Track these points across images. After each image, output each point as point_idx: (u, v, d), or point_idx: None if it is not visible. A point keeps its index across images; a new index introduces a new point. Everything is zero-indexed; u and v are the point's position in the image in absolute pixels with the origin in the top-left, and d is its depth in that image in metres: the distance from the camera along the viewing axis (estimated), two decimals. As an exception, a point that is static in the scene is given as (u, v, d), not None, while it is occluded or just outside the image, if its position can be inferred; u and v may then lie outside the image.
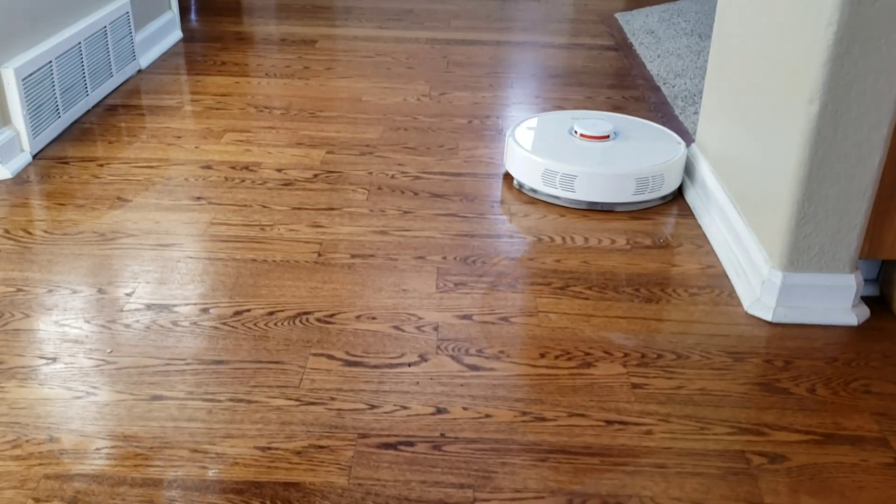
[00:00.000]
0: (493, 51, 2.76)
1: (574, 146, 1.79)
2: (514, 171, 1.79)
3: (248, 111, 2.17)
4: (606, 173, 1.69)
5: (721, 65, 1.66)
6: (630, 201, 1.70)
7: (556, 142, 1.81)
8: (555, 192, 1.72)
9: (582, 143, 1.80)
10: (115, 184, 1.76)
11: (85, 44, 2.09)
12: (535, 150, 1.76)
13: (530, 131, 1.87)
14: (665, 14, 3.25)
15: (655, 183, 1.70)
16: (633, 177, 1.69)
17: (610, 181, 1.68)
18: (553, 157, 1.73)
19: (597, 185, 1.69)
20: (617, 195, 1.69)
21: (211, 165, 1.85)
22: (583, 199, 1.70)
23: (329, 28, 2.96)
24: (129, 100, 2.23)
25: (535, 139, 1.82)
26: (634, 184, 1.69)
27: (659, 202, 1.75)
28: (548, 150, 1.76)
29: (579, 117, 1.94)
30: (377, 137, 2.04)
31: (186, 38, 2.80)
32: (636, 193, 1.70)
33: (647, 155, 1.76)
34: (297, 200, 1.71)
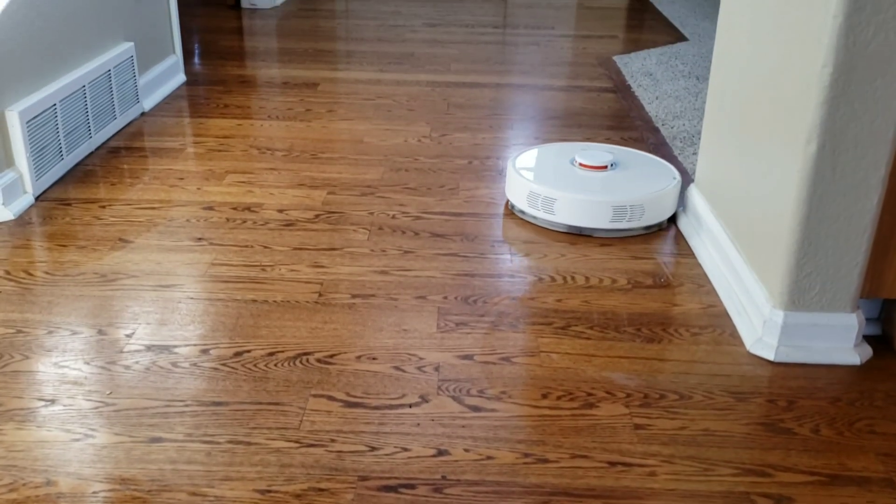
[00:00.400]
0: (493, 93, 2.79)
1: (570, 174, 1.85)
2: (509, 191, 1.87)
3: (251, 153, 2.19)
4: (584, 199, 1.73)
5: (719, 106, 1.67)
6: (607, 227, 1.75)
7: (554, 168, 1.88)
8: (536, 214, 1.80)
9: (579, 171, 1.86)
10: (117, 225, 1.76)
11: (89, 87, 2.12)
12: (524, 172, 1.86)
13: (535, 157, 1.96)
14: (663, 57, 3.29)
15: (634, 213, 1.74)
16: (610, 204, 1.73)
17: (587, 207, 1.74)
18: (541, 181, 1.80)
19: (575, 209, 1.75)
20: (594, 221, 1.75)
21: (213, 206, 1.86)
22: (561, 223, 1.78)
23: (331, 71, 3.00)
24: (132, 142, 2.25)
25: (535, 164, 1.91)
26: (611, 211, 1.73)
27: (643, 231, 1.78)
28: (540, 175, 1.84)
29: (587, 148, 2.01)
30: (378, 178, 2.05)
31: (190, 81, 2.83)
32: (613, 221, 1.74)
33: (634, 186, 1.80)
34: (298, 241, 1.71)
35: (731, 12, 1.60)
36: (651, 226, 1.80)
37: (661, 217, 1.81)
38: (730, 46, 1.61)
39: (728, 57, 1.62)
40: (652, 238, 1.77)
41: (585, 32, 3.75)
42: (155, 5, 2.61)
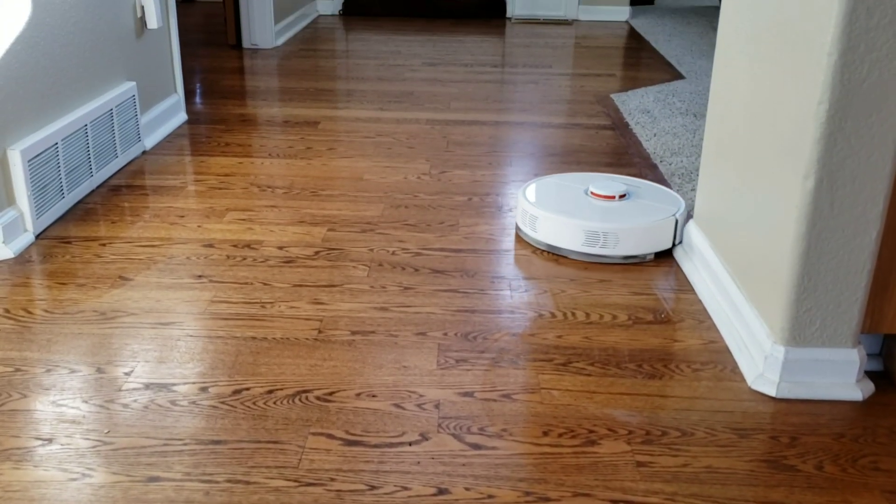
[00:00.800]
0: (492, 131, 2.81)
1: (579, 201, 1.93)
2: (518, 214, 1.97)
3: (251, 190, 2.20)
4: (559, 220, 1.83)
5: (716, 142, 1.68)
6: (579, 250, 1.83)
7: (565, 195, 1.96)
8: (527, 232, 1.90)
9: (591, 200, 1.93)
10: (117, 263, 1.76)
11: (91, 126, 2.13)
12: (528, 195, 1.95)
13: (556, 184, 2.04)
14: (660, 95, 3.32)
15: (608, 240, 1.80)
16: (583, 229, 1.81)
17: (561, 227, 1.83)
18: (538, 203, 1.90)
19: (552, 229, 1.85)
20: (567, 243, 1.83)
21: (213, 244, 1.86)
22: (542, 241, 1.88)
23: (331, 110, 3.02)
24: (133, 180, 2.26)
25: (549, 190, 1.99)
26: (584, 236, 1.81)
27: (621, 261, 1.82)
28: (544, 199, 1.93)
29: (608, 179, 2.06)
30: (378, 215, 2.06)
31: (191, 120, 2.86)
32: (585, 245, 1.82)
33: (625, 216, 1.85)
34: (298, 277, 1.71)
35: (727, 50, 1.62)
36: (630, 256, 1.82)
37: (642, 249, 1.82)
38: (726, 84, 1.62)
39: (725, 94, 1.63)
40: (652, 274, 1.77)
41: (583, 71, 3.79)
42: (157, 45, 2.65)
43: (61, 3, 2.02)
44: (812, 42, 1.23)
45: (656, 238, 1.83)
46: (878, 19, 1.16)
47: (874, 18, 1.16)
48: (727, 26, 1.62)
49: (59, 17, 2.01)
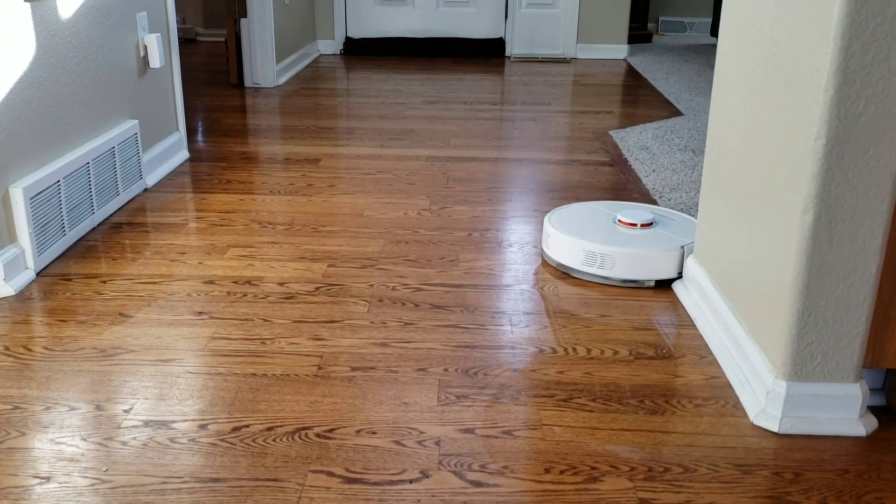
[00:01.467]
0: (492, 167, 2.82)
1: (604, 226, 2.00)
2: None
3: (252, 227, 2.21)
4: (563, 238, 1.93)
5: (715, 178, 1.69)
6: (580, 269, 1.91)
7: (589, 219, 2.04)
8: (544, 249, 2.02)
9: (618, 227, 1.99)
10: (118, 300, 1.76)
11: (93, 164, 2.15)
12: (553, 219, 2.03)
13: (591, 209, 2.12)
14: (659, 131, 3.34)
15: (605, 261, 1.87)
16: (581, 248, 1.89)
17: (566, 246, 1.92)
18: (559, 226, 1.98)
19: (559, 247, 1.95)
20: (570, 261, 1.92)
21: (213, 280, 1.86)
22: (553, 259, 1.98)
23: (332, 147, 3.04)
24: (135, 217, 2.27)
25: (579, 215, 2.07)
26: (583, 255, 1.89)
27: (619, 283, 1.87)
28: (567, 223, 2.01)
29: (647, 209, 2.11)
30: (378, 250, 2.06)
31: (193, 157, 2.88)
32: (584, 264, 1.90)
33: (634, 242, 1.90)
34: (298, 313, 1.71)
35: (724, 86, 1.64)
36: (628, 280, 1.88)
37: (641, 275, 1.86)
38: (724, 119, 1.64)
39: (723, 130, 1.65)
40: (653, 309, 1.77)
41: (582, 108, 3.82)
42: (159, 84, 2.67)
43: (65, 44, 2.04)
44: (809, 78, 1.25)
45: (656, 266, 1.83)
46: (874, 55, 1.17)
47: (869, 54, 1.17)
48: (724, 63, 1.64)
49: (62, 57, 2.03)
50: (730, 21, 1.61)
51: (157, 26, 2.62)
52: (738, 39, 1.57)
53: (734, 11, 1.59)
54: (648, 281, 1.86)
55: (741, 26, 1.55)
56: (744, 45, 1.53)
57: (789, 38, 1.32)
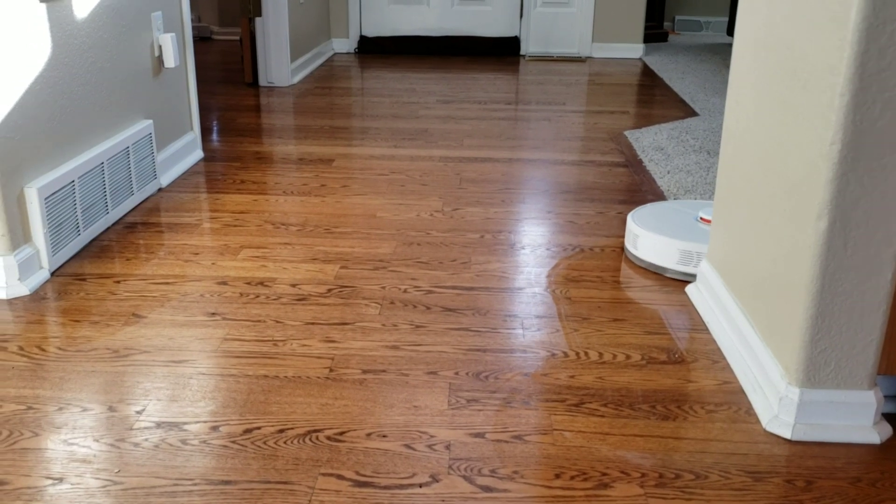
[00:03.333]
0: (505, 168, 2.82)
1: (687, 224, 2.03)
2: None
3: (265, 227, 2.21)
4: (655, 238, 1.97)
5: (729, 181, 1.68)
6: (674, 268, 1.95)
7: (675, 218, 2.07)
8: (632, 250, 2.04)
9: (699, 224, 2.03)
10: (131, 300, 1.77)
11: (108, 164, 2.16)
12: (637, 219, 2.06)
13: (674, 209, 2.15)
14: (674, 132, 3.32)
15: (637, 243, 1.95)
16: (676, 248, 1.93)
17: (659, 246, 1.96)
18: (641, 223, 2.03)
19: (650, 247, 1.98)
20: (664, 261, 1.96)
21: (227, 281, 1.87)
22: (644, 260, 2.00)
23: (346, 147, 3.05)
24: (149, 217, 2.28)
25: (663, 214, 2.10)
26: (678, 254, 1.92)
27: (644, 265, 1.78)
28: (650, 221, 2.05)
29: None
30: (390, 252, 2.06)
31: (207, 157, 2.89)
32: (679, 263, 1.93)
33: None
34: (310, 315, 1.71)
35: (739, 89, 1.63)
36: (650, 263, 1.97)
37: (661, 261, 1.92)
38: (739, 122, 1.63)
39: (737, 133, 1.64)
40: (666, 312, 1.76)
41: (596, 108, 3.81)
42: (174, 84, 2.68)
43: (80, 44, 2.06)
44: (824, 82, 1.24)
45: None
46: (891, 59, 1.16)
47: (886, 58, 1.16)
48: (739, 65, 1.63)
49: (77, 58, 2.04)
50: (745, 23, 1.60)
51: (171, 26, 2.63)
52: (752, 42, 1.56)
53: (749, 14, 1.58)
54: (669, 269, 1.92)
55: (756, 28, 1.54)
56: (758, 48, 1.52)
57: (805, 41, 1.31)
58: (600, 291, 1.86)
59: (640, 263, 2.00)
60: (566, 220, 2.32)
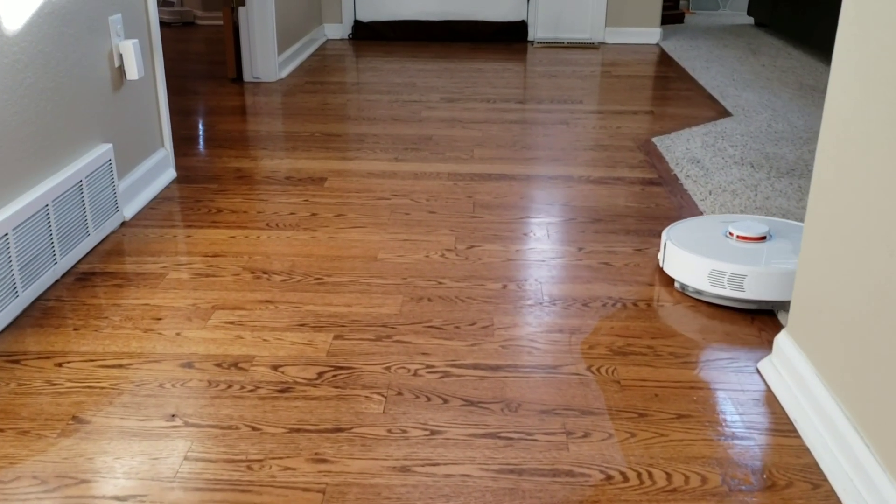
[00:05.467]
0: (523, 188, 2.46)
1: (722, 243, 1.83)
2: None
3: (243, 278, 1.85)
4: (685, 255, 1.81)
5: (825, 242, 1.32)
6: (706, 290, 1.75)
7: (710, 238, 1.86)
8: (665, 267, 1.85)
9: (731, 241, 1.83)
10: (73, 394, 1.42)
11: (54, 206, 1.79)
12: (677, 238, 1.86)
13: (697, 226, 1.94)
14: (708, 138, 2.95)
15: (734, 282, 1.71)
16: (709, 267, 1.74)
17: (686, 263, 1.78)
18: (679, 243, 1.86)
19: (675, 265, 1.80)
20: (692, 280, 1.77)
21: (193, 362, 1.52)
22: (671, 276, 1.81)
23: (340, 161, 2.68)
24: (107, 264, 1.92)
25: (693, 233, 1.90)
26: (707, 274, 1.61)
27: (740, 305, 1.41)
28: (686, 241, 1.85)
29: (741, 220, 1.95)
30: (396, 312, 1.71)
31: (181, 177, 2.52)
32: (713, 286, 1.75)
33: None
34: (295, 417, 1.36)
35: (841, 134, 1.27)
36: (752, 301, 1.72)
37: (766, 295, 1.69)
38: (841, 178, 1.27)
39: (839, 190, 1.27)
40: (740, 404, 1.41)
41: (616, 107, 3.43)
42: (139, 98, 2.31)
43: (11, 63, 1.68)
44: None
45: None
46: None
47: None
48: (841, 105, 1.27)
49: (8, 79, 1.67)
50: (852, 55, 1.23)
51: (134, 30, 2.25)
52: (865, 77, 1.19)
53: (857, 43, 1.21)
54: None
55: (873, 62, 1.17)
56: (878, 86, 1.16)
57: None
58: (654, 370, 1.51)
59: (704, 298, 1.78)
60: (600, 262, 1.96)
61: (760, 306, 1.73)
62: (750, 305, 1.73)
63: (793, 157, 2.73)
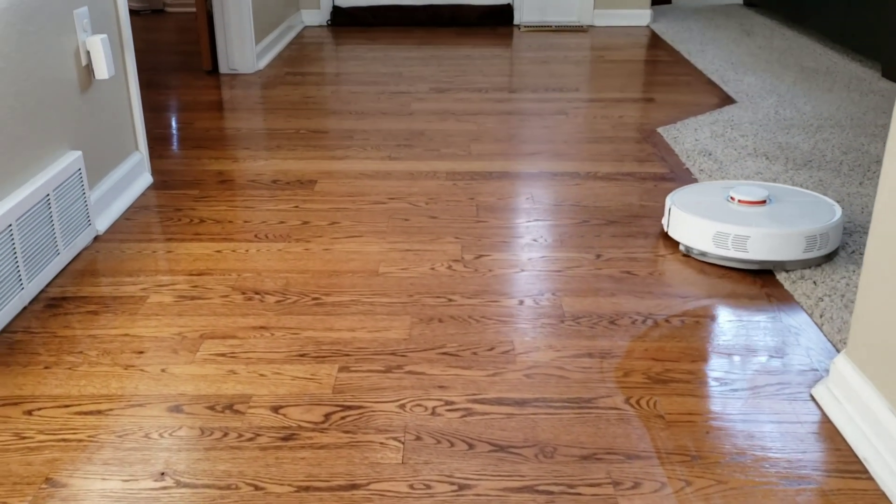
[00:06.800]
0: (528, 187, 2.29)
1: (726, 208, 1.88)
2: None
3: (233, 300, 1.67)
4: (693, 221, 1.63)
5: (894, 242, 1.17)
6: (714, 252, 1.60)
7: (713, 202, 1.91)
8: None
9: (733, 205, 1.88)
10: (46, 449, 1.24)
11: (17, 226, 1.60)
12: (681, 203, 1.91)
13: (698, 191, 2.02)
14: (716, 127, 2.80)
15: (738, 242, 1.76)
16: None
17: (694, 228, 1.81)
18: (688, 209, 1.94)
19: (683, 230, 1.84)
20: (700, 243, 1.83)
21: (181, 405, 1.34)
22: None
23: (329, 161, 2.50)
24: (80, 286, 1.73)
25: (695, 198, 1.95)
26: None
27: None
28: (695, 207, 1.90)
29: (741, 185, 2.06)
30: (405, 337, 1.54)
31: (158, 183, 2.32)
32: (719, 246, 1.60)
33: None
34: (303, 472, 1.19)
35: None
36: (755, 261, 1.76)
37: None
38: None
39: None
40: (796, 438, 1.26)
41: (615, 94, 3.27)
42: (110, 98, 2.11)
43: (-34, 68, 1.48)
44: None
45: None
46: None
47: None
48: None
49: (-37, 87, 1.48)
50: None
51: (103, 24, 2.05)
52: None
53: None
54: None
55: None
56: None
57: None
58: (699, 401, 1.36)
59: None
60: (621, 271, 1.80)
61: (762, 266, 1.77)
62: (752, 266, 1.78)
63: (807, 147, 2.58)
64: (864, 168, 2.40)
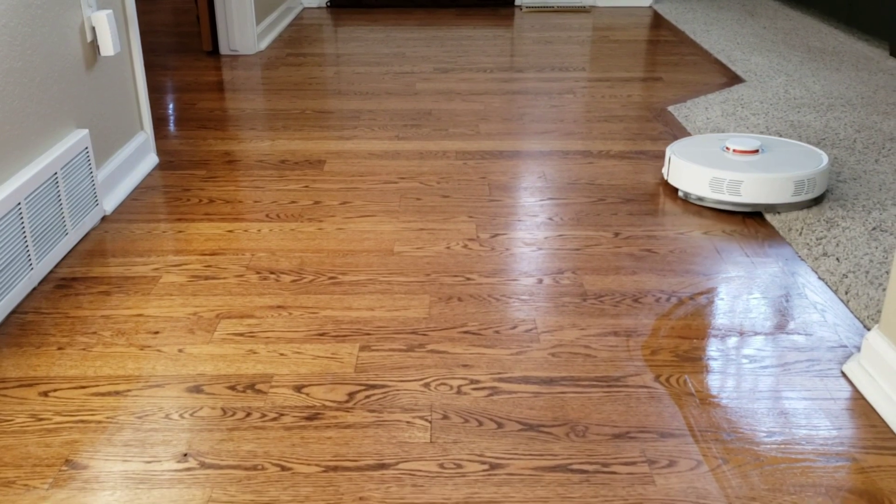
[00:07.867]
0: (540, 166, 2.26)
1: (722, 157, 2.03)
2: None
3: (248, 279, 1.64)
4: (687, 165, 1.56)
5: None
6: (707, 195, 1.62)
7: (710, 152, 2.06)
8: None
9: (728, 154, 2.03)
10: (64, 431, 1.21)
11: (26, 205, 1.56)
12: (680, 153, 2.07)
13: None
14: (727, 106, 2.77)
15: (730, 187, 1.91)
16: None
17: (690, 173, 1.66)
18: (687, 157, 2.00)
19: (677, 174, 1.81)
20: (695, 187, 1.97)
21: (201, 385, 1.31)
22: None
23: (337, 141, 2.46)
24: (90, 267, 1.70)
25: (698, 149, 2.08)
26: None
27: None
28: (693, 156, 2.07)
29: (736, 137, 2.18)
30: (425, 315, 1.51)
31: (163, 163, 2.28)
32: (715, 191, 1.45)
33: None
34: (330, 451, 1.16)
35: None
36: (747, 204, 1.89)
37: None
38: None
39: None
40: (831, 413, 1.24)
41: (622, 74, 3.23)
42: (115, 76, 2.07)
43: (-27, 40, 1.44)
44: None
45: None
46: None
47: None
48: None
49: (-30, 60, 1.43)
50: None
51: (107, 0, 2.01)
52: None
53: None
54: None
55: None
56: None
57: None
58: (729, 378, 1.33)
59: None
60: (642, 249, 1.78)
61: (754, 209, 1.92)
62: (745, 209, 1.93)
63: (819, 126, 2.55)
64: (878, 146, 2.37)
